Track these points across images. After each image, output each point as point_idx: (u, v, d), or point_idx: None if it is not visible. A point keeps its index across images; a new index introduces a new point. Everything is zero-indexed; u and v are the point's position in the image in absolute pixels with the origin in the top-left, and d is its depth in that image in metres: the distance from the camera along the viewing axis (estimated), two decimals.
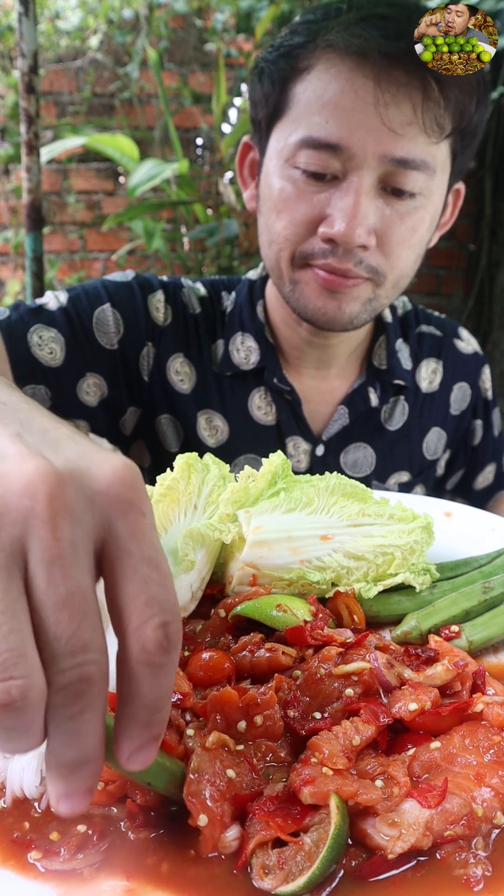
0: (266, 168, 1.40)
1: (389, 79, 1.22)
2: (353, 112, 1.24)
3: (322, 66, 1.28)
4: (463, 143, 1.36)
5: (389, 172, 1.27)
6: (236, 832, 0.66)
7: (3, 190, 5.21)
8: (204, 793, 0.66)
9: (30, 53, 2.57)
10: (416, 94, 1.23)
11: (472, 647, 0.94)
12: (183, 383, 1.56)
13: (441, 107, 1.25)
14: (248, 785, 0.69)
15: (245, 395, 1.58)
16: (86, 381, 1.49)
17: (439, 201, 1.39)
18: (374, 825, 0.66)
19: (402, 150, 1.25)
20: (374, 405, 1.61)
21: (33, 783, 0.74)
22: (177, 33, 4.96)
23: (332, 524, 1.02)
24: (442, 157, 1.32)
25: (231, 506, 1.03)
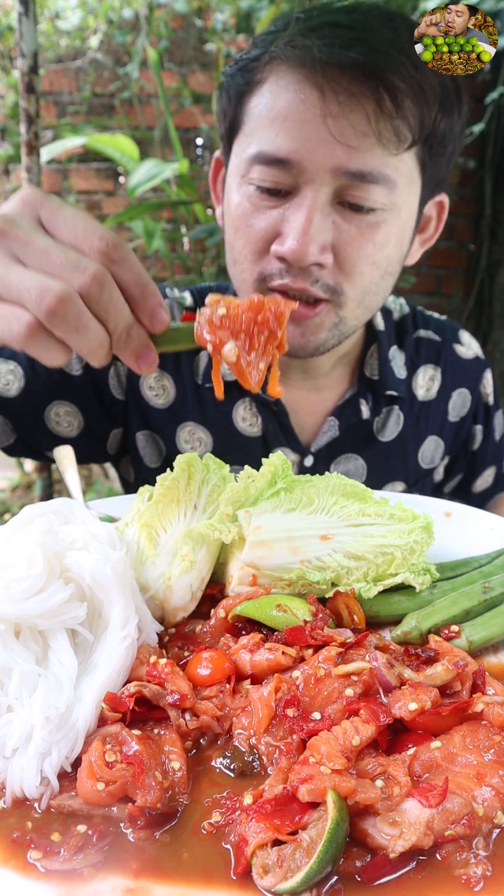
0: (227, 184, 1.36)
1: (336, 89, 1.16)
2: (303, 124, 1.19)
3: (273, 79, 1.22)
4: (432, 153, 1.29)
5: (345, 186, 1.21)
6: (233, 345, 0.86)
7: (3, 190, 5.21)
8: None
9: (30, 53, 2.57)
10: (368, 104, 1.17)
11: (472, 647, 0.94)
12: (158, 398, 1.54)
13: (397, 116, 1.18)
14: None
15: (229, 407, 1.54)
16: (52, 410, 1.48)
17: (409, 216, 1.31)
18: (374, 825, 0.66)
19: (357, 162, 1.18)
20: (365, 417, 1.56)
21: (33, 783, 0.74)
22: (177, 33, 4.96)
23: (332, 524, 1.02)
24: (406, 168, 1.25)
25: (231, 506, 1.03)
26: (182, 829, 0.71)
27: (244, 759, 0.78)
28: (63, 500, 1.02)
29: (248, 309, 0.87)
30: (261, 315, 0.87)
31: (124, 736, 0.76)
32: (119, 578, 0.88)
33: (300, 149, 1.19)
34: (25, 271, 0.80)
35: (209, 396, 1.54)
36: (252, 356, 0.88)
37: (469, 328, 5.29)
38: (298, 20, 1.24)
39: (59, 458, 1.39)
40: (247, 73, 1.28)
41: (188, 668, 0.88)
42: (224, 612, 0.96)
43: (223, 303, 0.88)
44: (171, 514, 1.04)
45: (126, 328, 0.85)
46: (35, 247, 0.81)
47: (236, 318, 0.87)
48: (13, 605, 0.82)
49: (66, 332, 0.80)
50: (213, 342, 0.87)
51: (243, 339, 0.87)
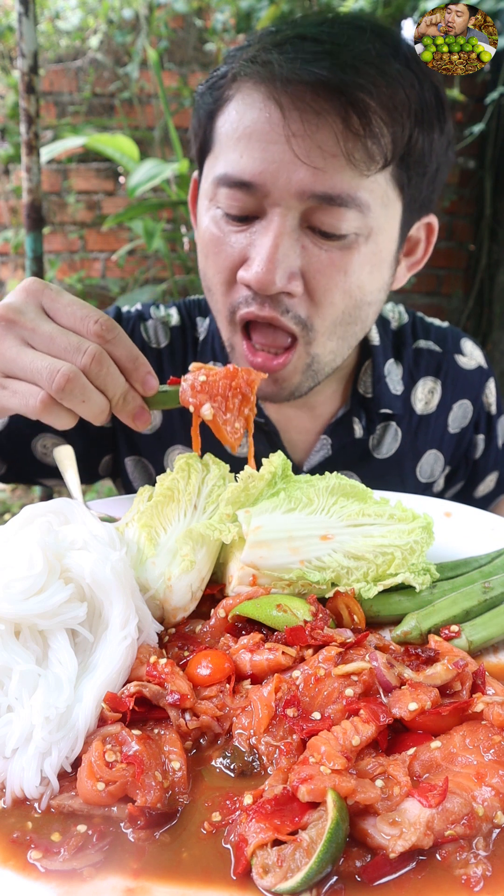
0: (199, 207, 1.32)
1: (300, 107, 1.10)
2: (268, 145, 1.12)
3: (239, 97, 1.16)
4: (410, 173, 1.21)
5: (313, 209, 1.14)
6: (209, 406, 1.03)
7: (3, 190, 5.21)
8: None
9: (30, 53, 2.57)
10: (335, 123, 1.10)
11: (472, 647, 0.94)
12: None
13: (366, 135, 1.11)
14: None
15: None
16: (39, 442, 1.48)
17: (388, 241, 1.24)
18: (374, 825, 0.66)
19: (323, 184, 1.11)
20: (358, 436, 1.51)
21: (33, 783, 0.74)
22: (177, 33, 4.96)
23: (332, 524, 1.02)
24: (380, 190, 1.17)
25: (231, 506, 1.03)
26: (182, 829, 0.71)
27: (244, 759, 0.78)
28: (63, 500, 1.02)
29: (224, 377, 1.05)
30: (234, 381, 1.05)
31: (124, 736, 0.76)
32: (119, 578, 0.88)
33: (264, 171, 1.13)
34: (36, 354, 0.97)
35: None
36: (228, 416, 1.06)
37: (469, 328, 5.29)
38: (267, 34, 1.19)
39: (59, 458, 1.39)
40: (216, 90, 1.22)
41: (188, 668, 0.88)
42: (224, 612, 0.96)
43: (204, 371, 1.06)
44: (171, 514, 1.04)
45: (122, 395, 1.02)
46: (41, 332, 0.98)
47: (214, 384, 1.05)
48: (13, 605, 0.82)
49: (74, 403, 0.97)
50: (195, 404, 1.05)
51: (220, 401, 1.05)
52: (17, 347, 0.97)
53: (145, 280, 5.17)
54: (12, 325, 0.98)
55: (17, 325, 0.98)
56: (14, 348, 0.97)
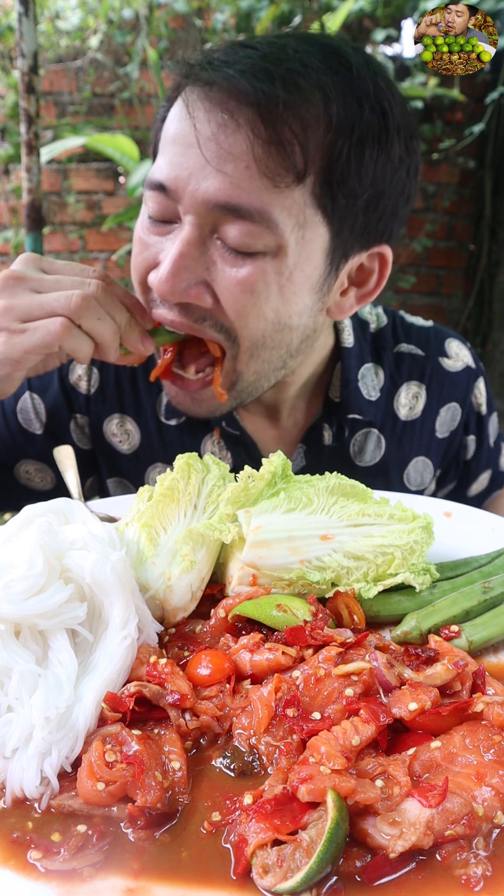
0: None
1: (212, 109, 1.08)
2: (186, 149, 1.10)
3: (178, 101, 1.15)
4: (335, 194, 1.13)
5: (220, 220, 1.11)
6: None
7: (3, 190, 5.21)
8: None
9: (30, 53, 2.57)
10: (248, 131, 1.06)
11: (472, 647, 0.94)
12: (123, 444, 1.51)
13: (273, 142, 1.06)
14: None
15: (196, 443, 1.49)
16: (21, 468, 1.50)
17: (303, 263, 1.15)
18: (374, 825, 0.66)
19: (229, 194, 1.07)
20: (327, 443, 1.46)
21: (33, 783, 0.74)
22: (177, 33, 4.96)
23: (332, 524, 1.02)
24: (296, 209, 1.10)
25: (231, 506, 1.03)
26: (182, 829, 0.71)
27: (244, 759, 0.78)
28: (63, 500, 1.02)
29: None
30: None
31: (124, 736, 0.76)
32: (119, 578, 0.88)
33: (178, 176, 1.11)
34: (48, 294, 1.12)
35: (174, 434, 1.49)
36: None
37: (469, 328, 5.29)
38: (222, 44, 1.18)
39: (59, 458, 1.39)
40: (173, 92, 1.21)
41: (188, 668, 0.88)
42: (224, 612, 0.96)
43: None
44: (171, 514, 1.04)
45: (128, 321, 1.17)
46: (47, 280, 1.15)
47: None
48: (13, 605, 0.82)
49: (92, 322, 1.12)
50: None
51: None
52: (29, 295, 1.12)
53: None
54: (20, 280, 1.13)
55: (24, 279, 1.13)
56: (27, 296, 1.12)
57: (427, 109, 4.80)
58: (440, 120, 4.89)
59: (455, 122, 4.93)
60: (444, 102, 4.81)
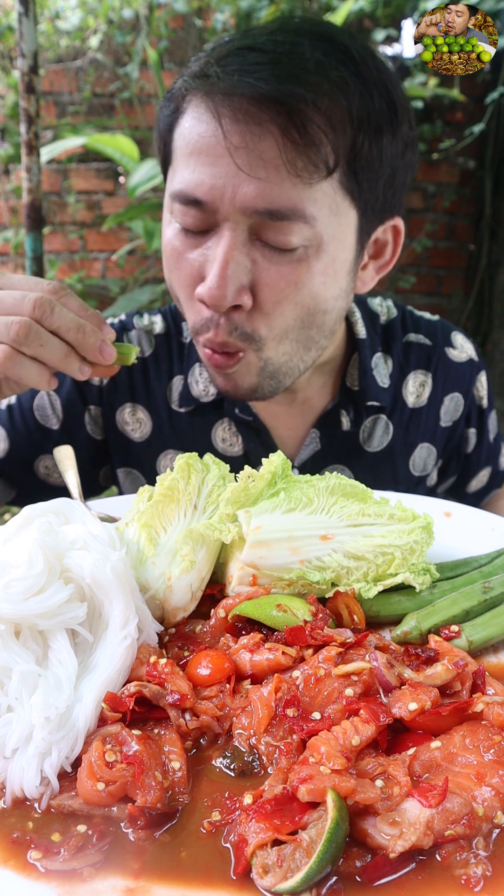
0: (164, 217, 1.33)
1: (240, 118, 1.10)
2: (215, 160, 1.13)
3: (190, 110, 1.17)
4: (360, 179, 1.19)
5: (259, 224, 1.15)
6: None
7: (3, 190, 5.21)
8: None
9: (30, 53, 2.57)
10: (276, 134, 1.10)
11: (472, 647, 0.94)
12: (135, 432, 1.54)
13: (306, 144, 1.10)
14: None
15: (207, 430, 1.52)
16: (41, 464, 1.55)
17: (340, 248, 1.22)
18: (374, 825, 0.67)
19: (266, 199, 1.11)
20: (346, 429, 1.52)
21: (33, 783, 0.74)
22: (177, 33, 4.96)
23: (332, 524, 1.02)
24: (327, 199, 1.16)
25: (231, 506, 1.03)
26: (182, 829, 0.71)
27: (244, 759, 0.78)
28: (63, 500, 1.02)
29: None
30: None
31: (124, 736, 0.76)
32: (119, 578, 0.88)
33: (212, 188, 1.14)
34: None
35: (185, 421, 1.52)
36: None
37: (469, 328, 5.29)
38: (217, 47, 1.19)
39: (59, 458, 1.39)
40: (172, 102, 1.22)
41: (188, 668, 0.88)
42: (224, 612, 0.96)
43: None
44: (171, 514, 1.04)
45: (78, 330, 1.06)
46: None
47: None
48: (13, 605, 0.82)
49: (35, 349, 1.05)
50: None
51: None
52: None
53: (145, 280, 5.17)
54: None
55: None
56: None
57: (427, 109, 4.80)
58: (440, 120, 4.89)
59: (455, 122, 4.93)
60: (444, 102, 4.81)
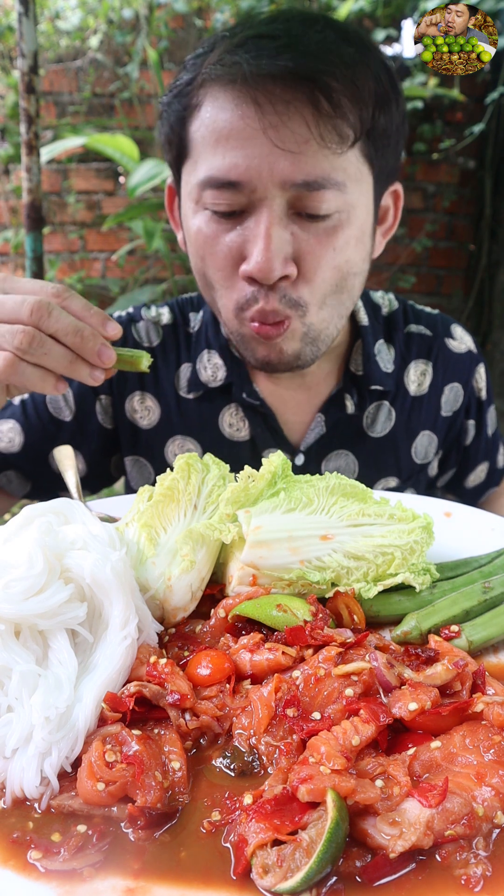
0: (183, 210, 1.38)
1: (272, 100, 1.17)
2: (245, 142, 1.19)
3: (209, 101, 1.22)
4: (377, 146, 1.29)
5: (296, 197, 1.22)
6: None
7: (3, 190, 5.20)
8: None
9: (30, 53, 2.57)
10: (305, 109, 1.17)
11: (472, 647, 0.94)
12: (143, 420, 1.58)
13: (336, 116, 1.19)
14: None
15: (214, 415, 1.56)
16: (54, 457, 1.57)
17: (365, 213, 1.32)
18: (374, 825, 0.66)
19: (302, 172, 1.19)
20: (350, 412, 1.56)
21: (33, 783, 0.74)
22: (177, 33, 4.96)
23: (332, 524, 1.02)
24: (353, 167, 1.25)
25: (231, 506, 1.03)
26: (182, 829, 0.71)
27: (244, 759, 0.78)
28: (63, 500, 1.02)
29: None
30: None
31: (124, 736, 0.76)
32: (119, 578, 0.88)
33: (248, 169, 1.19)
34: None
35: (193, 407, 1.56)
36: None
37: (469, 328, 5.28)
38: (224, 38, 1.24)
39: (59, 458, 1.39)
40: (183, 98, 1.27)
41: (188, 668, 0.88)
42: (224, 612, 0.96)
43: None
44: (171, 514, 1.04)
45: (76, 334, 1.04)
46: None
47: None
48: (13, 605, 0.82)
49: (38, 356, 1.03)
50: None
51: None
52: None
53: (145, 280, 5.17)
54: None
55: None
56: None
57: (427, 109, 4.80)
58: (440, 120, 4.89)
59: (455, 122, 4.93)
60: (444, 102, 4.81)
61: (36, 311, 1.01)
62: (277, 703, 0.80)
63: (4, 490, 1.61)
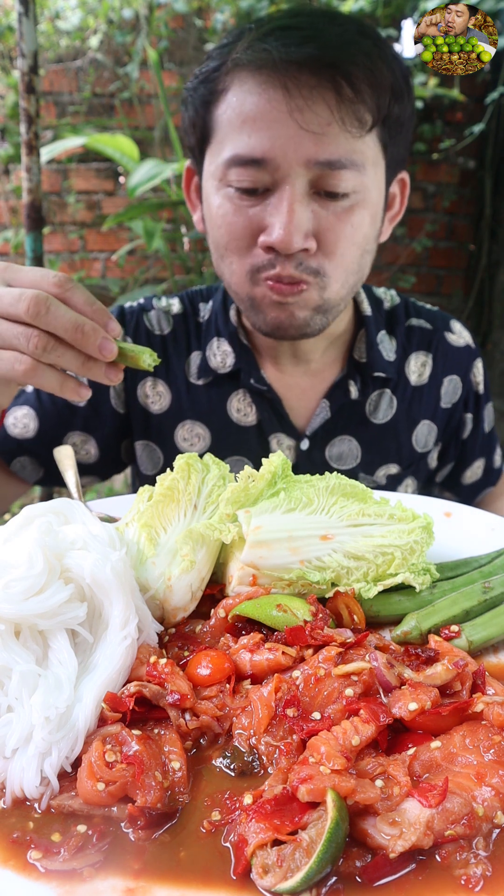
0: (205, 189, 1.44)
1: (298, 84, 1.25)
2: (272, 123, 1.27)
3: (236, 86, 1.31)
4: (391, 133, 1.38)
5: (318, 176, 1.29)
6: None
7: (3, 190, 5.20)
8: None
9: (30, 53, 2.57)
10: (328, 94, 1.25)
11: (472, 647, 0.94)
12: (154, 405, 1.63)
13: (356, 101, 1.27)
14: None
15: (223, 400, 1.61)
16: (69, 440, 1.62)
17: (378, 195, 1.40)
18: (374, 825, 0.66)
19: (325, 152, 1.27)
20: (353, 398, 1.62)
21: (33, 783, 0.74)
22: (177, 33, 4.95)
23: (332, 524, 1.02)
24: (371, 151, 1.34)
25: (231, 506, 1.03)
26: (182, 829, 0.71)
27: (244, 759, 0.78)
28: (63, 500, 1.02)
29: None
30: None
31: (124, 736, 0.76)
32: (119, 578, 0.88)
33: (273, 147, 1.27)
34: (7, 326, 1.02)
35: (202, 393, 1.62)
36: None
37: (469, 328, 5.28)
38: (250, 30, 1.33)
39: (59, 458, 1.39)
40: (209, 83, 1.36)
41: (188, 668, 0.88)
42: (224, 612, 0.96)
43: None
44: (171, 514, 1.04)
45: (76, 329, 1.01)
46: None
47: None
48: (13, 605, 0.82)
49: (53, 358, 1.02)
50: None
51: None
52: None
53: (145, 280, 5.17)
54: None
55: None
56: None
57: (427, 109, 4.80)
58: (440, 120, 4.89)
59: (455, 122, 4.93)
60: (444, 102, 4.80)
61: (33, 307, 0.99)
62: (277, 703, 0.80)
63: (18, 476, 1.63)
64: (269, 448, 1.62)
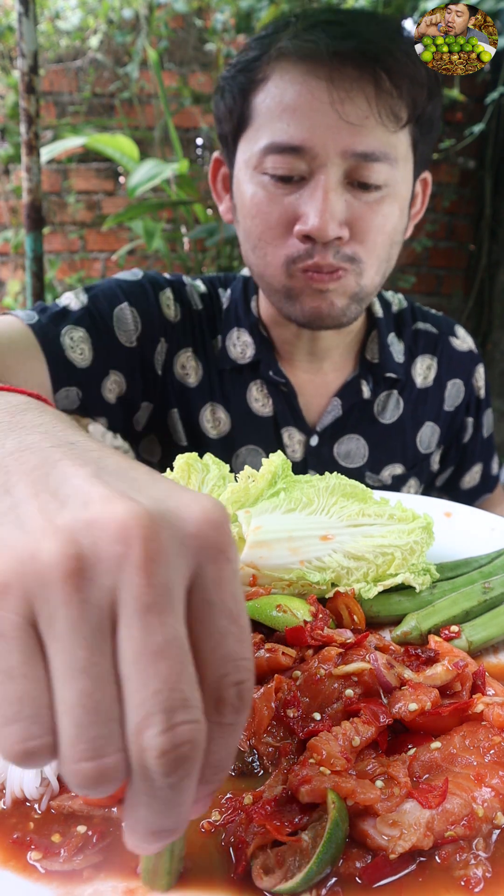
0: (237, 179, 1.46)
1: (341, 76, 1.28)
2: (312, 113, 1.29)
3: (278, 75, 1.33)
4: (422, 132, 1.42)
5: (353, 167, 1.32)
6: None
7: (3, 190, 5.20)
8: None
9: (30, 53, 2.57)
10: (368, 88, 1.29)
11: (472, 648, 0.94)
12: (189, 377, 1.63)
13: (394, 97, 1.31)
14: None
15: (243, 388, 1.63)
16: (109, 379, 1.53)
17: (406, 190, 1.43)
18: (374, 826, 0.66)
19: (362, 143, 1.30)
20: (365, 397, 1.65)
21: (33, 784, 0.74)
22: (177, 33, 4.95)
23: (332, 524, 1.02)
24: (402, 147, 1.37)
25: (231, 506, 1.03)
26: None
27: (244, 759, 0.78)
28: None
29: None
30: None
31: None
32: None
33: (311, 136, 1.29)
34: None
35: (227, 379, 1.64)
36: None
37: (469, 328, 5.29)
38: (290, 23, 1.37)
39: None
40: (248, 72, 1.38)
41: None
42: None
43: None
44: None
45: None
46: None
47: None
48: None
49: None
50: None
51: None
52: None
53: None
54: None
55: None
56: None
57: None
58: (440, 120, 4.89)
59: (455, 122, 4.93)
60: (444, 102, 4.80)
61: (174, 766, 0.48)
62: (277, 703, 0.80)
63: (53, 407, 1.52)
64: (282, 441, 1.64)
